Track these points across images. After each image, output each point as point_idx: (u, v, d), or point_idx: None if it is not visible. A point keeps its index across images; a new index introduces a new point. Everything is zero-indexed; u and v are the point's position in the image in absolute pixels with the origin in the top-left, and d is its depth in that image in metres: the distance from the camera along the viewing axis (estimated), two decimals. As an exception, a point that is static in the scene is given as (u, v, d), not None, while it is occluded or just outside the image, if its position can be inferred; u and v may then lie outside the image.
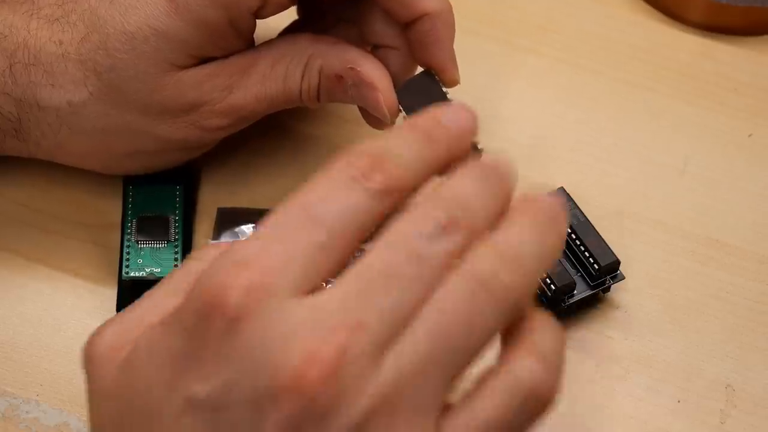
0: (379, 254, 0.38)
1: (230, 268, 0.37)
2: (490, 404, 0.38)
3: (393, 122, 0.53)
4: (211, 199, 0.57)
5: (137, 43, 0.51)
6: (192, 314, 0.38)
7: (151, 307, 0.41)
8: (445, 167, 0.40)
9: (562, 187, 0.56)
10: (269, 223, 0.39)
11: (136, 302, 0.42)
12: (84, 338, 0.52)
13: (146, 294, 0.42)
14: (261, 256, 0.37)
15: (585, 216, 0.55)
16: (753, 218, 0.58)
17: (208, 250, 0.42)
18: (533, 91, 0.63)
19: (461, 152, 0.40)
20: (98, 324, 0.53)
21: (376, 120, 0.54)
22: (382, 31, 0.54)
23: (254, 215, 0.56)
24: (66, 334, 0.53)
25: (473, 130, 0.41)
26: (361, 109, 0.55)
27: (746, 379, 0.53)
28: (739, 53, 0.65)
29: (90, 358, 0.41)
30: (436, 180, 0.40)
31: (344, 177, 0.38)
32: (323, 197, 0.38)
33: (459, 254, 0.38)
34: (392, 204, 0.38)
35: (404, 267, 0.37)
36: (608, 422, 0.52)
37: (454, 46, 0.53)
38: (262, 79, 0.53)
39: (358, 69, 0.52)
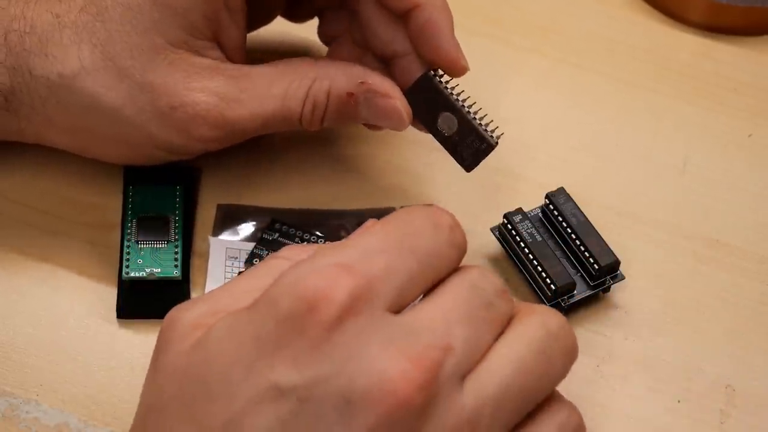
0: (460, 293, 0.42)
1: (334, 268, 0.40)
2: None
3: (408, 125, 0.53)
4: (211, 199, 0.57)
5: (133, 14, 0.51)
6: (289, 305, 0.39)
7: (232, 297, 0.42)
8: None
9: (562, 187, 0.56)
10: (367, 237, 0.41)
11: (218, 288, 0.43)
12: (84, 338, 0.53)
13: (227, 283, 0.43)
14: (364, 265, 0.40)
15: (585, 216, 0.55)
16: (753, 218, 0.58)
17: (293, 250, 0.44)
18: (534, 91, 0.63)
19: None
20: (98, 324, 0.53)
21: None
22: (388, 35, 0.54)
23: (254, 213, 0.56)
24: (66, 334, 0.53)
25: None
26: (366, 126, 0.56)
27: (746, 379, 0.53)
28: (739, 53, 0.65)
29: (169, 332, 0.42)
30: None
31: (430, 223, 0.42)
32: (416, 233, 0.42)
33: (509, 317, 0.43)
34: (458, 261, 0.43)
35: (481, 310, 0.41)
36: (608, 422, 0.52)
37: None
38: (258, 95, 0.52)
39: (370, 82, 0.53)
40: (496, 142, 0.53)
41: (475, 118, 0.53)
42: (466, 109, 0.53)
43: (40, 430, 0.50)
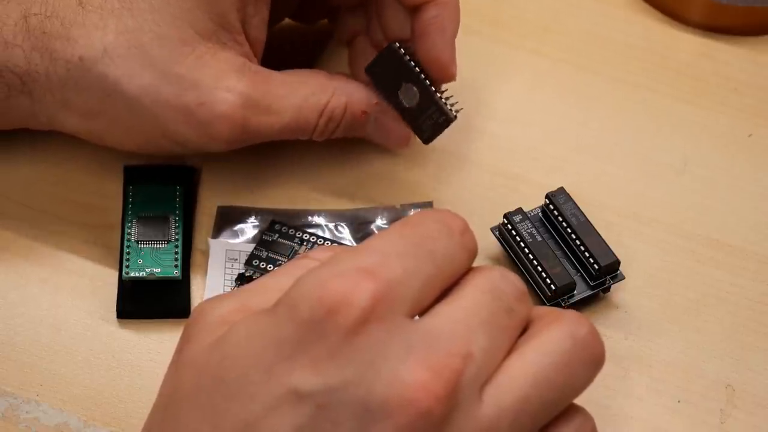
0: (481, 297, 0.41)
1: (355, 272, 0.39)
2: None
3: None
4: (211, 199, 0.57)
5: (164, 3, 0.51)
6: (309, 308, 0.39)
7: (261, 295, 0.42)
8: None
9: (562, 187, 0.56)
10: (384, 240, 0.41)
11: (249, 284, 0.43)
12: (84, 338, 0.53)
13: (258, 280, 0.43)
14: (385, 269, 0.39)
15: (585, 216, 0.55)
16: (753, 218, 0.58)
17: (325, 252, 0.43)
18: (534, 91, 0.63)
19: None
20: (98, 324, 0.53)
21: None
22: (401, 32, 0.56)
23: (254, 214, 0.56)
24: (66, 334, 0.53)
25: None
26: None
27: (746, 379, 0.53)
28: (739, 53, 0.65)
29: (195, 325, 0.41)
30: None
31: (444, 226, 0.41)
32: (431, 236, 0.41)
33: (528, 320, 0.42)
34: (469, 265, 0.42)
35: (501, 316, 0.41)
36: (608, 422, 0.52)
37: (456, 46, 0.54)
38: (279, 102, 0.53)
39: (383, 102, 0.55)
40: (455, 116, 0.55)
41: (436, 92, 0.54)
42: (428, 82, 0.54)
43: (40, 430, 0.50)
